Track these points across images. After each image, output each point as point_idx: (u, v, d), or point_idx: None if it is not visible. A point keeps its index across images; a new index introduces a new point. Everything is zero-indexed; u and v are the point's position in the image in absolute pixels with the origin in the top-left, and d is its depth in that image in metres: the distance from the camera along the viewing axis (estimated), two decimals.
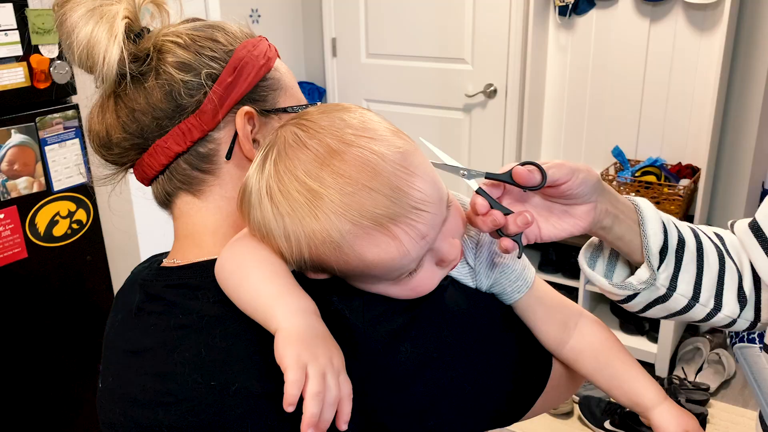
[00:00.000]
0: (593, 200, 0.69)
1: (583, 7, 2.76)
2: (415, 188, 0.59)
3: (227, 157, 0.71)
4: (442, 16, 3.06)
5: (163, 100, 0.69)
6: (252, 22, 3.19)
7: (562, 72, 2.94)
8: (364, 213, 0.57)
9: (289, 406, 0.53)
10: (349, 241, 0.58)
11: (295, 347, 0.55)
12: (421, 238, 0.60)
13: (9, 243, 1.67)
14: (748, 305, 0.81)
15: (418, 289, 0.65)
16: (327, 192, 0.57)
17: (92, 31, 0.66)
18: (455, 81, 3.13)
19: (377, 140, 0.60)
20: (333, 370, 0.55)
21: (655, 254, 0.74)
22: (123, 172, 0.76)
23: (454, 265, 0.67)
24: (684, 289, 0.77)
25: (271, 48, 0.75)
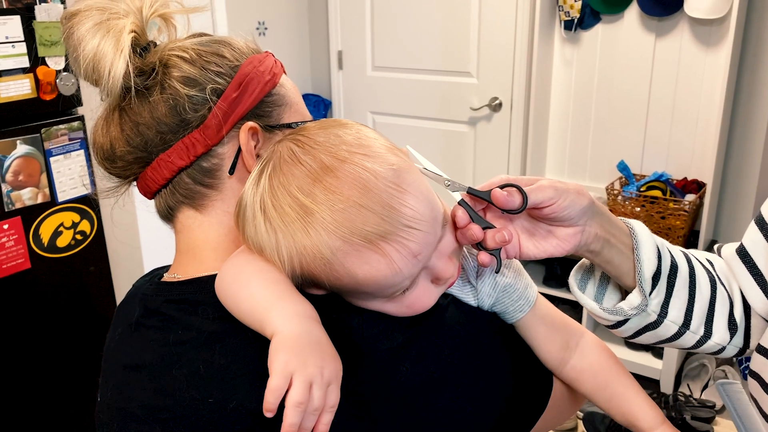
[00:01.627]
0: (581, 224, 0.67)
1: (588, 22, 2.76)
2: (407, 206, 0.59)
3: (230, 172, 0.71)
4: (447, 29, 3.07)
5: (168, 114, 0.69)
6: (258, 35, 3.21)
7: (567, 86, 2.94)
8: (354, 230, 0.57)
9: (267, 412, 0.53)
10: (339, 258, 0.58)
11: (285, 353, 0.55)
12: (413, 256, 0.59)
13: (13, 253, 1.67)
14: (738, 332, 0.79)
15: (415, 306, 0.64)
16: (318, 208, 0.57)
17: (99, 45, 0.66)
18: (460, 94, 3.13)
19: (371, 157, 0.60)
20: (321, 380, 0.55)
21: (648, 280, 0.72)
22: (126, 185, 0.76)
23: (451, 283, 0.67)
24: (675, 316, 0.75)
25: (277, 64, 0.75)
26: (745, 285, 0.77)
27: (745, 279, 0.77)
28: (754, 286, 0.76)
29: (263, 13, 3.20)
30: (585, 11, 2.73)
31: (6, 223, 1.65)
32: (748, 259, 0.77)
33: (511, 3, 2.85)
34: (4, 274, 1.67)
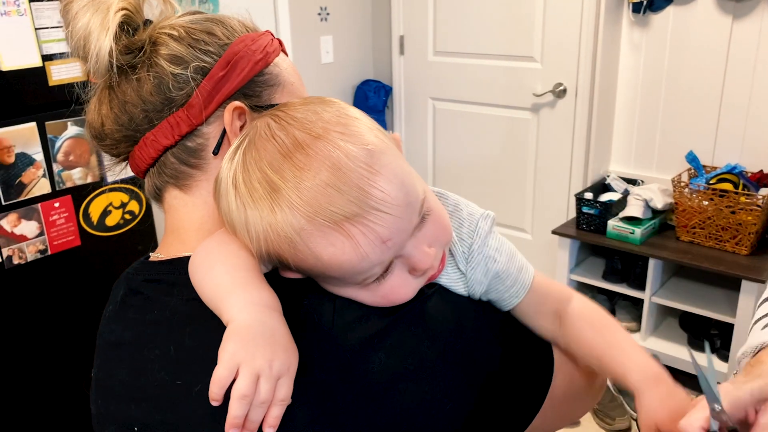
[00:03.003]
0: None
1: (659, 4, 2.61)
2: (377, 187, 0.56)
3: (214, 152, 0.70)
4: (511, 13, 2.98)
5: (153, 92, 0.68)
6: (320, 20, 3.21)
7: (635, 72, 2.80)
8: (319, 210, 0.55)
9: (212, 401, 0.52)
10: (304, 239, 0.56)
11: (234, 343, 0.54)
12: (381, 241, 0.56)
13: (63, 231, 1.74)
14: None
15: (390, 297, 0.62)
16: (285, 185, 0.55)
17: (88, 22, 0.66)
18: (523, 80, 3.04)
19: (347, 135, 0.57)
20: (269, 372, 0.53)
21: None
22: (120, 162, 0.76)
23: (432, 276, 0.64)
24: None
25: (273, 43, 0.73)
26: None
27: None
28: None
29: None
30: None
31: (57, 201, 1.71)
32: None
33: None
34: (55, 250, 1.74)
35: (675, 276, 2.72)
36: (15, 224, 1.66)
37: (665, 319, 2.77)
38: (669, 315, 2.77)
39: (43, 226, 1.71)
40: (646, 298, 2.59)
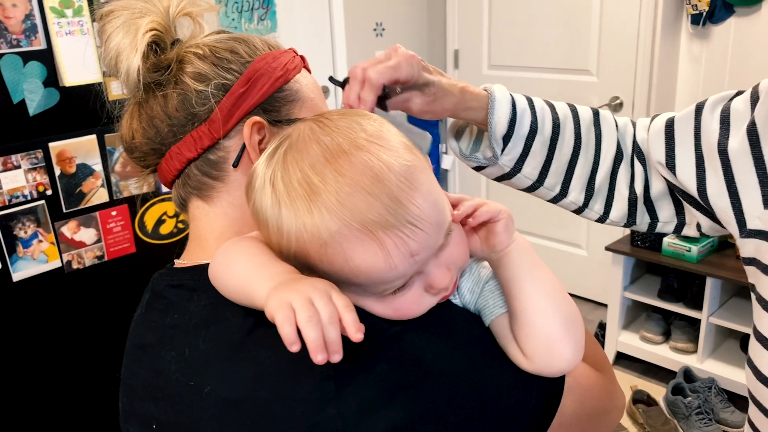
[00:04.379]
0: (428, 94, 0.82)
1: (720, 15, 2.54)
2: (414, 204, 0.57)
3: (234, 165, 0.73)
4: (566, 25, 2.96)
5: (178, 108, 0.72)
6: (376, 36, 3.26)
7: (694, 85, 2.73)
8: (356, 216, 0.56)
9: (291, 345, 0.52)
10: (337, 241, 0.57)
11: (274, 296, 0.55)
12: (410, 255, 0.58)
13: (120, 238, 1.82)
14: (596, 196, 0.92)
15: (402, 311, 0.63)
16: (326, 188, 0.57)
17: (119, 42, 0.71)
18: (579, 93, 3.00)
19: (388, 150, 0.59)
20: (318, 292, 0.54)
21: (498, 140, 0.86)
22: (148, 174, 0.80)
23: (444, 296, 0.65)
24: (529, 173, 0.90)
25: (294, 60, 0.76)
26: (656, 152, 0.88)
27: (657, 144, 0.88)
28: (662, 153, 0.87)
29: (380, 14, 3.25)
30: (716, 3, 2.51)
31: (114, 210, 1.80)
32: (670, 130, 0.88)
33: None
34: (111, 256, 1.82)
35: (736, 296, 2.61)
36: (75, 231, 1.75)
37: (725, 340, 2.66)
38: (729, 337, 2.67)
39: (101, 234, 1.80)
40: (703, 319, 2.51)
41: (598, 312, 3.17)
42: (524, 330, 0.65)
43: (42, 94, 1.66)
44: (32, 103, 1.65)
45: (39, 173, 1.68)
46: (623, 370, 2.77)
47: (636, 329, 2.80)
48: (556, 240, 3.31)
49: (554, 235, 3.31)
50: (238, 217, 0.74)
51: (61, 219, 1.74)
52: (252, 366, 0.63)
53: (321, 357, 0.52)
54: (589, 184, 0.92)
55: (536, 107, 0.90)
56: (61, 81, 1.68)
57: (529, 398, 0.66)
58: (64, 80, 1.67)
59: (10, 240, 1.66)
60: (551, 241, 3.33)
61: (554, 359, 0.65)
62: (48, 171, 1.70)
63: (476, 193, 3.55)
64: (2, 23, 1.57)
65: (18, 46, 1.61)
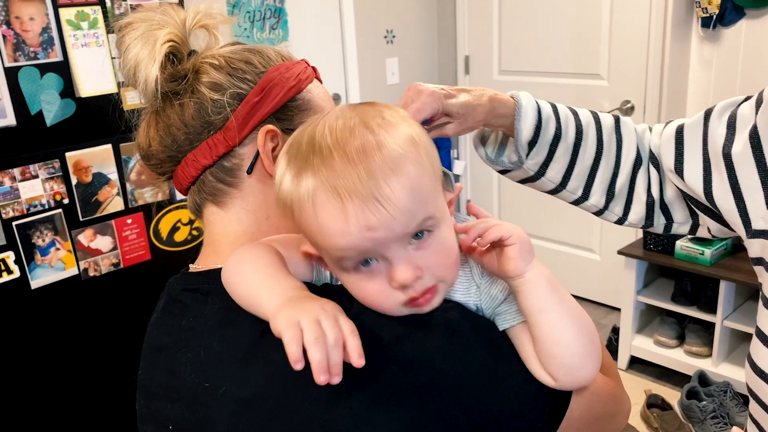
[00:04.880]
0: None
1: (730, 18, 2.53)
2: (388, 184, 0.58)
3: (248, 171, 0.75)
4: (577, 30, 2.96)
5: (194, 116, 0.74)
6: (387, 43, 3.28)
7: (705, 88, 2.72)
8: (332, 177, 0.59)
9: (296, 363, 0.54)
10: (312, 198, 0.59)
11: (284, 313, 0.57)
12: (366, 228, 0.59)
13: (135, 245, 1.85)
14: (616, 199, 0.96)
15: (367, 298, 0.64)
16: (321, 151, 0.60)
17: (138, 53, 0.73)
18: (590, 97, 3.00)
19: (391, 135, 0.61)
20: (326, 314, 0.56)
21: (524, 145, 0.90)
22: (163, 181, 0.82)
23: (417, 302, 0.64)
24: (552, 176, 0.94)
25: (306, 71, 0.78)
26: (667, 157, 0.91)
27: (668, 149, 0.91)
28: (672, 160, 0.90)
29: (391, 22, 3.28)
30: (726, 6, 2.51)
31: (130, 218, 1.83)
32: (680, 136, 0.90)
33: (645, 0, 2.69)
34: (127, 263, 1.85)
35: (751, 299, 2.60)
36: (91, 239, 1.78)
37: (740, 344, 2.65)
38: (745, 340, 2.65)
39: (117, 241, 1.83)
40: (717, 322, 2.49)
41: (612, 316, 3.16)
42: (546, 356, 0.65)
43: (59, 105, 1.70)
44: (49, 113, 1.68)
45: (56, 182, 1.71)
46: (637, 374, 2.75)
47: (650, 333, 2.79)
48: (569, 244, 3.31)
49: (567, 240, 3.31)
50: (252, 222, 0.76)
51: (77, 227, 1.77)
52: (265, 367, 0.64)
53: (323, 378, 0.54)
54: (609, 188, 0.95)
55: (560, 114, 0.93)
56: (78, 92, 1.71)
57: (538, 401, 0.66)
58: (80, 91, 1.71)
59: (28, 248, 1.69)
60: (564, 246, 3.33)
61: (576, 379, 0.66)
62: (65, 180, 1.73)
63: (488, 198, 3.56)
64: (20, 36, 1.61)
65: (35, 58, 1.64)
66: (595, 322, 3.21)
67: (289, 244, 0.70)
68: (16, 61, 1.61)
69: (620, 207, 0.97)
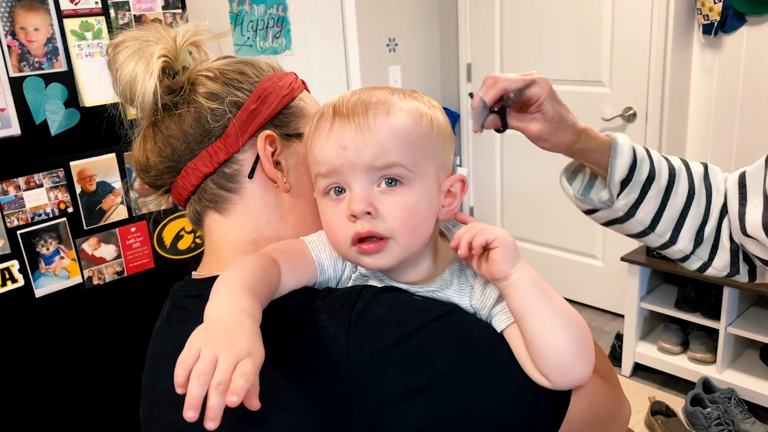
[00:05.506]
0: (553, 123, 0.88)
1: (731, 24, 2.54)
2: (374, 117, 0.66)
3: (250, 176, 0.76)
4: (578, 36, 2.97)
5: (193, 125, 0.75)
6: (389, 51, 3.30)
7: (707, 95, 2.73)
8: (335, 100, 0.70)
9: (178, 387, 0.52)
10: (316, 118, 0.70)
11: (200, 331, 0.55)
12: (340, 146, 0.66)
13: (139, 254, 1.86)
14: (703, 246, 0.94)
15: (326, 225, 0.71)
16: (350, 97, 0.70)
17: (134, 68, 0.74)
18: (592, 104, 3.01)
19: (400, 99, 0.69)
20: (228, 354, 0.52)
21: (616, 184, 0.90)
22: (162, 195, 0.83)
23: (359, 233, 0.67)
24: (642, 218, 0.93)
25: (297, 81, 0.81)
26: (734, 210, 0.91)
27: (734, 205, 0.91)
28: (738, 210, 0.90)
29: (393, 30, 3.29)
30: (727, 13, 2.52)
31: (134, 227, 1.84)
32: (743, 185, 0.91)
33: (646, 7, 2.70)
34: (131, 272, 1.86)
35: (755, 305, 2.59)
36: (95, 247, 1.79)
37: (744, 351, 2.64)
38: (749, 347, 2.64)
39: (121, 250, 1.84)
40: (721, 329, 2.49)
41: (615, 323, 3.16)
42: (537, 357, 0.66)
43: (63, 114, 1.71)
44: (54, 123, 1.70)
45: (60, 191, 1.73)
46: (641, 381, 2.75)
47: (653, 340, 2.79)
48: (572, 251, 3.31)
49: (570, 246, 3.31)
50: (253, 228, 0.77)
51: (81, 236, 1.77)
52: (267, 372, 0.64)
53: (190, 414, 0.51)
54: (698, 234, 0.94)
55: (653, 157, 0.94)
56: (82, 101, 1.73)
57: (538, 403, 0.67)
58: (84, 101, 1.72)
59: (32, 257, 1.70)
60: (567, 252, 3.33)
61: (569, 379, 0.67)
62: (69, 189, 1.74)
63: (490, 205, 3.56)
64: (25, 47, 1.62)
65: (40, 68, 1.66)
66: (599, 328, 3.21)
67: (291, 250, 0.72)
68: (21, 71, 1.63)
69: (705, 253, 0.96)
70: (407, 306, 0.68)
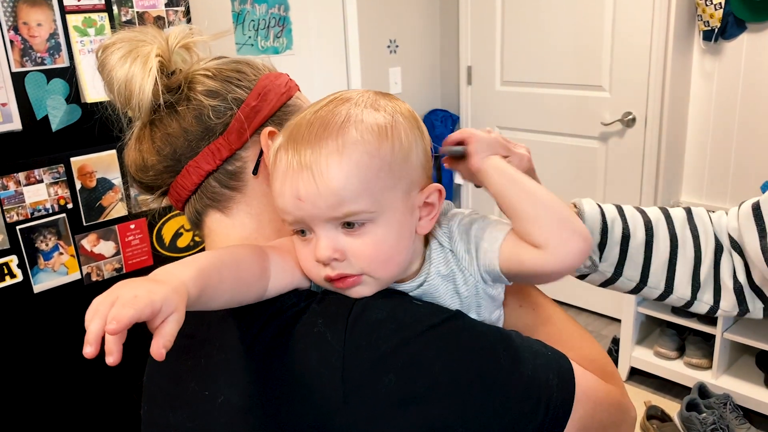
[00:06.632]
0: None
1: (731, 31, 2.55)
2: (327, 163, 0.62)
3: (254, 172, 0.75)
4: (579, 41, 2.98)
5: (194, 123, 0.74)
6: (390, 53, 3.30)
7: (707, 100, 2.74)
8: (292, 133, 0.65)
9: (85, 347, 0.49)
10: (275, 154, 0.66)
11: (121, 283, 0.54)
12: (296, 197, 0.62)
13: (138, 251, 1.86)
14: (703, 289, 0.92)
15: (301, 263, 0.68)
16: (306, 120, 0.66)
17: (129, 68, 0.72)
18: (591, 108, 3.02)
19: (366, 113, 0.65)
20: (128, 293, 0.51)
21: (595, 249, 0.90)
22: (159, 199, 0.82)
23: (339, 283, 0.65)
24: (631, 275, 0.92)
25: (291, 81, 0.81)
26: (749, 240, 0.88)
27: (750, 235, 0.88)
28: (756, 241, 0.87)
29: (394, 32, 3.29)
30: (727, 20, 2.52)
31: (133, 224, 1.84)
32: (759, 214, 0.87)
33: (647, 13, 2.71)
34: (130, 269, 1.86)
35: None
36: (94, 244, 1.79)
37: (740, 356, 2.65)
38: (745, 353, 2.65)
39: (120, 247, 1.84)
40: (717, 334, 2.50)
41: (612, 327, 3.17)
42: (529, 224, 0.67)
43: (64, 110, 1.71)
44: (55, 118, 1.70)
45: (60, 187, 1.72)
46: (637, 385, 2.75)
47: (650, 345, 2.79)
48: None
49: None
50: (255, 226, 0.77)
51: (81, 232, 1.77)
52: (262, 375, 0.65)
53: (88, 350, 0.49)
54: (693, 279, 0.93)
55: (626, 214, 0.93)
56: (83, 97, 1.73)
57: (538, 409, 0.66)
58: (85, 97, 1.72)
59: (31, 252, 1.69)
60: None
61: (567, 241, 0.66)
62: (69, 185, 1.74)
63: (488, 209, 3.56)
64: (28, 42, 1.62)
65: (42, 63, 1.66)
66: (596, 333, 3.21)
67: (283, 246, 0.71)
68: (23, 67, 1.63)
69: (709, 296, 0.94)
70: (406, 311, 0.66)
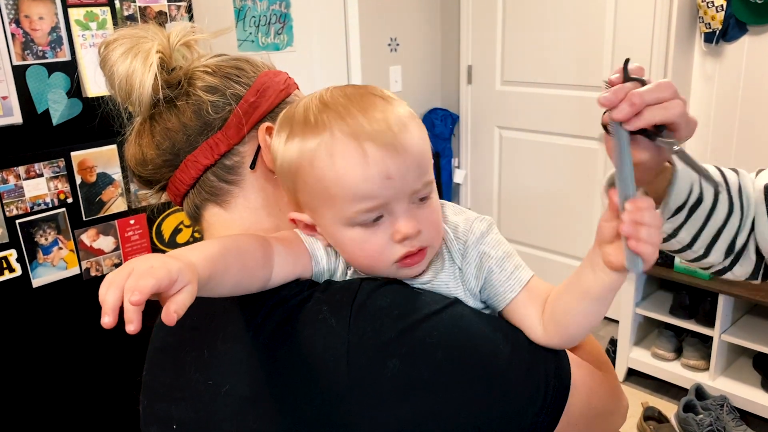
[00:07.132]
0: None
1: (733, 34, 2.55)
2: (409, 136, 0.63)
3: (251, 166, 0.76)
4: (580, 42, 2.98)
5: (193, 118, 0.75)
6: (390, 51, 3.30)
7: (707, 103, 2.74)
8: (352, 126, 0.62)
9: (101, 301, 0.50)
10: (326, 147, 0.63)
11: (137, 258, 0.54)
12: (386, 176, 0.62)
13: (137, 246, 1.86)
14: (731, 256, 0.92)
15: (367, 251, 0.67)
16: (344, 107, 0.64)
17: (130, 64, 0.73)
18: (592, 109, 3.02)
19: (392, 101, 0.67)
20: (144, 265, 0.51)
21: (671, 210, 0.85)
22: (157, 194, 0.83)
23: (409, 261, 0.67)
24: (683, 238, 0.90)
25: (290, 79, 0.82)
26: (761, 223, 0.88)
27: (762, 219, 0.88)
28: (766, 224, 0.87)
29: (395, 30, 3.29)
30: (729, 22, 2.53)
31: (133, 219, 1.83)
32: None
33: (648, 14, 2.71)
34: None
35: (749, 314, 2.61)
36: (94, 239, 1.79)
37: (737, 358, 2.65)
38: (742, 355, 2.65)
39: (119, 242, 1.83)
40: (715, 336, 2.50)
41: (609, 328, 3.17)
42: (560, 326, 0.69)
43: (65, 104, 1.71)
44: (56, 112, 1.69)
45: (60, 181, 1.72)
46: (634, 386, 2.76)
47: (647, 346, 2.79)
48: (569, 255, 3.32)
49: (566, 251, 3.32)
50: (254, 220, 0.77)
51: (80, 227, 1.77)
52: (267, 364, 0.65)
53: (106, 320, 0.49)
54: (729, 248, 0.93)
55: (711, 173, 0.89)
56: (84, 92, 1.72)
57: (537, 396, 0.67)
58: (87, 91, 1.72)
59: (30, 246, 1.69)
60: (562, 256, 3.34)
61: (566, 345, 0.71)
62: (69, 179, 1.73)
63: (487, 208, 3.57)
64: (29, 35, 1.62)
65: (43, 57, 1.65)
66: (593, 333, 3.21)
67: (286, 238, 0.72)
68: (25, 60, 1.62)
69: (729, 261, 0.95)
70: (408, 298, 0.68)
